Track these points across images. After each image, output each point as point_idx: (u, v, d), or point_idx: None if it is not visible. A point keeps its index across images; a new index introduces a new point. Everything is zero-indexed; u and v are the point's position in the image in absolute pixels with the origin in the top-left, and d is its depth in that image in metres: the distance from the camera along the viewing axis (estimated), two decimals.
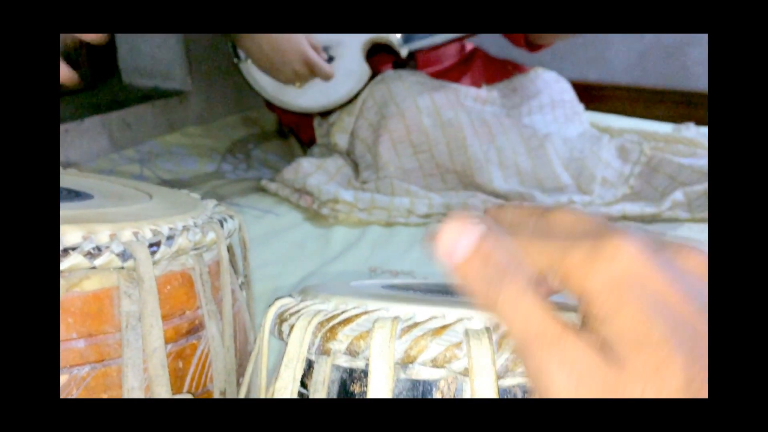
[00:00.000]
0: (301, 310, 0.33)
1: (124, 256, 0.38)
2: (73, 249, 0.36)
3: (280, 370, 0.32)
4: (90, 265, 0.37)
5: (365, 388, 0.30)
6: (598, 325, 0.23)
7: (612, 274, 0.23)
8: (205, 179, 1.17)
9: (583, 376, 0.22)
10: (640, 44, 1.92)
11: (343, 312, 0.32)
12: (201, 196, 0.53)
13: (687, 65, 1.87)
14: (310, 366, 0.32)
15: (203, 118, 1.44)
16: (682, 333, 0.22)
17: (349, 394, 0.31)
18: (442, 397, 0.30)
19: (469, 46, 1.31)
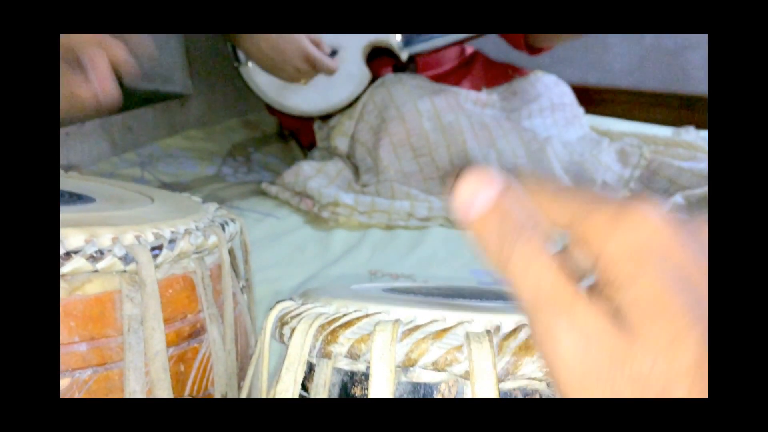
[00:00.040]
0: (302, 313, 0.34)
1: (126, 259, 0.38)
2: (76, 252, 0.37)
3: (281, 373, 0.32)
4: (92, 269, 0.37)
5: (366, 391, 0.30)
6: (613, 292, 0.22)
7: (634, 241, 0.22)
8: (205, 182, 1.17)
9: (592, 343, 0.21)
10: (640, 48, 1.92)
11: (344, 315, 0.32)
12: (202, 200, 0.53)
13: (687, 69, 1.87)
14: (311, 369, 0.33)
15: (204, 122, 1.44)
16: (701, 309, 0.21)
17: (350, 396, 0.31)
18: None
19: (469, 50, 1.31)
